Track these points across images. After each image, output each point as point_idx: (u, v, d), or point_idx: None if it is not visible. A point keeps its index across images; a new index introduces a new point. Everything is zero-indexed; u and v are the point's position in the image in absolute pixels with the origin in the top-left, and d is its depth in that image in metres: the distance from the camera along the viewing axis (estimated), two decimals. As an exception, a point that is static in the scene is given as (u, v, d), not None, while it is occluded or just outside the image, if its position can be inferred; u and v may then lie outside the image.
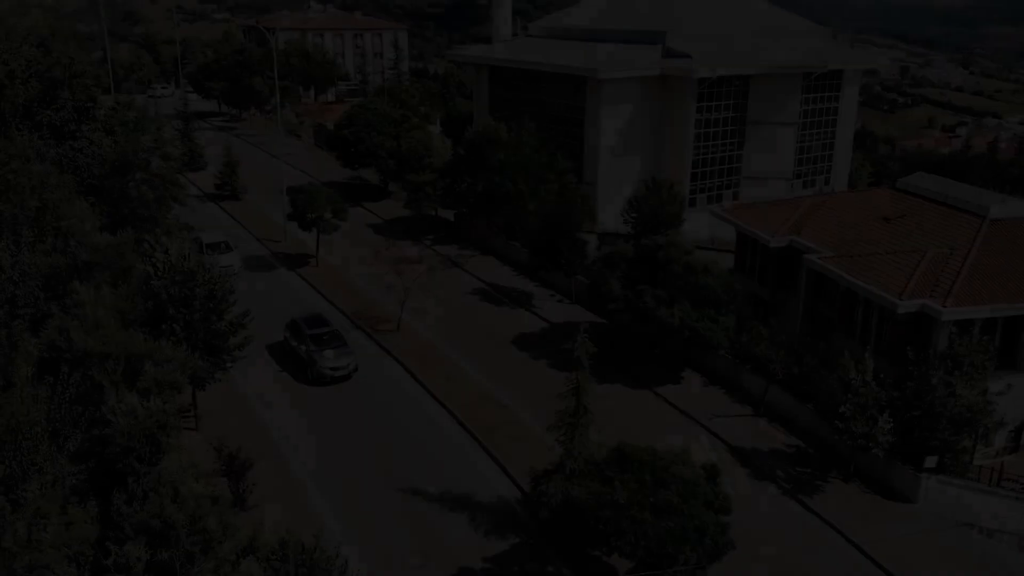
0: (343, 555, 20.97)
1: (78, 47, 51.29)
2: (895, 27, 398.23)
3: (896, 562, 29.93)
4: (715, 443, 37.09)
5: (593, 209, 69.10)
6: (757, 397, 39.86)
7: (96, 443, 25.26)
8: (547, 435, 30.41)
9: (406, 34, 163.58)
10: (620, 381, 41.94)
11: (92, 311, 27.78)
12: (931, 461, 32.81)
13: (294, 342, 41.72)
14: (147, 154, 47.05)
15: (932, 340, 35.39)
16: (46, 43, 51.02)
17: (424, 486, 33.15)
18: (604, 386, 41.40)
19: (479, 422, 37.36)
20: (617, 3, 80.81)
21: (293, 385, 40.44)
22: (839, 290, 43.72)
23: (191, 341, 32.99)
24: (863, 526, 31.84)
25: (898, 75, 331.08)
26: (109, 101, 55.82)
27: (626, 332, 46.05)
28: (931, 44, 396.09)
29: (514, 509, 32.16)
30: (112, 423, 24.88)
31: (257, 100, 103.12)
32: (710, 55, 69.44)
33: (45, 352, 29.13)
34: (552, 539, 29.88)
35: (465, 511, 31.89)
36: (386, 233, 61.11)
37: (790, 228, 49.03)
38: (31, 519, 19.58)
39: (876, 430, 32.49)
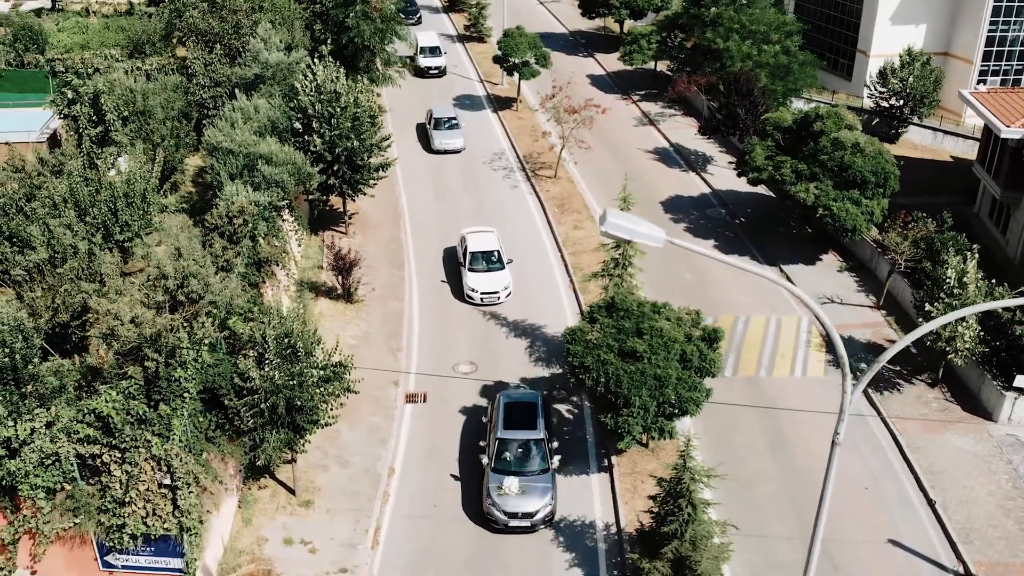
0: (326, 339, 25.06)
1: None
2: None
3: (932, 470, 28.40)
4: (813, 327, 36.10)
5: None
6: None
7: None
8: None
9: None
10: (750, 254, 41.34)
11: (230, 116, 33.50)
12: (1021, 380, 29.74)
13: (482, 439, 28.34)
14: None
15: None
16: None
17: (505, 312, 36.46)
18: (732, 256, 41.19)
19: (582, 268, 39.37)
20: None
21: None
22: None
23: (333, 154, 38.13)
24: (919, 431, 30.17)
25: None
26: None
27: (780, 207, 44.62)
28: None
29: (573, 345, 34.52)
30: (218, 206, 30.82)
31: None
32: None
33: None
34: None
35: (528, 338, 34.88)
36: (603, 87, 62.19)
37: (1036, 120, 43.34)
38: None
39: (958, 336, 30.00)
